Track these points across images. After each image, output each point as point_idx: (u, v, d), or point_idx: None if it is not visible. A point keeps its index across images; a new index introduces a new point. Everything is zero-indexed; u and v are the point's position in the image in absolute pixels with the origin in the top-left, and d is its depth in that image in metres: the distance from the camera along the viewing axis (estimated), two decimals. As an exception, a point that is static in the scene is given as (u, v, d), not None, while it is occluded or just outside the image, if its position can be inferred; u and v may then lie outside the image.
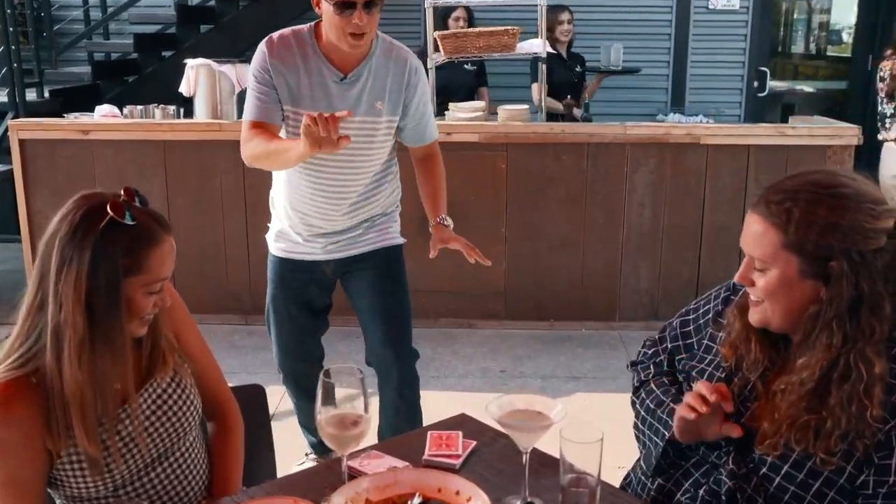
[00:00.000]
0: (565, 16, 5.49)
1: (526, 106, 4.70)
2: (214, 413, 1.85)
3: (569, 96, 5.41)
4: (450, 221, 2.70)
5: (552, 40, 5.39)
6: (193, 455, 1.73)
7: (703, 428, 1.51)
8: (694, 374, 1.65)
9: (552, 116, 5.22)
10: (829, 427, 1.38)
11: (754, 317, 1.50)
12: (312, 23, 2.50)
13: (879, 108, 4.95)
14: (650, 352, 1.82)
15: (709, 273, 4.54)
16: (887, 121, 4.89)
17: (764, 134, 4.48)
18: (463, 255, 2.62)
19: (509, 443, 1.56)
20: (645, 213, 4.55)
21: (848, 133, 4.45)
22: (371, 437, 1.59)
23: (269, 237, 2.82)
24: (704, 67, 7.06)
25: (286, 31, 2.53)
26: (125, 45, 6.32)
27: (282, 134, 2.55)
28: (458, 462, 1.66)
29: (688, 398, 1.50)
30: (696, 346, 1.69)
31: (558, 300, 4.66)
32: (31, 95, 5.68)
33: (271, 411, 3.16)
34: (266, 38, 2.51)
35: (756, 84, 7.06)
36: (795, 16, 8.08)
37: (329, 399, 1.46)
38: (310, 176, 2.57)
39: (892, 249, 1.39)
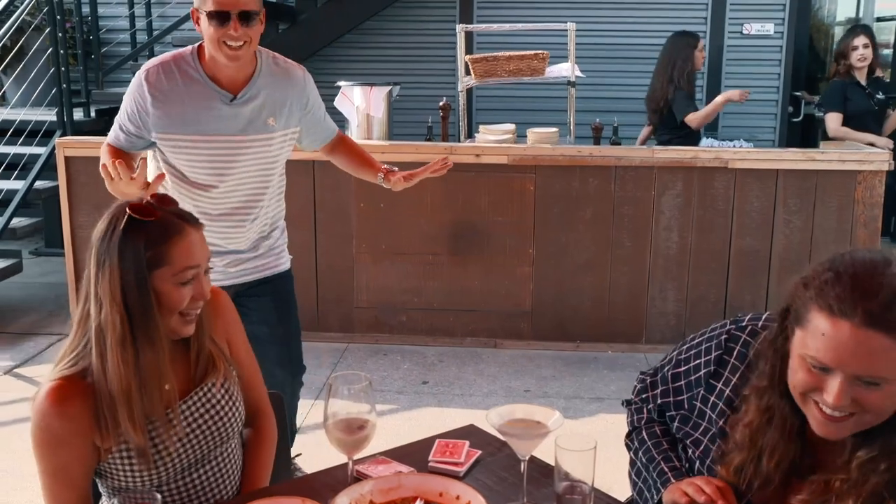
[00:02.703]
0: (860, 40, 5.06)
1: (555, 129, 4.77)
2: (252, 420, 1.90)
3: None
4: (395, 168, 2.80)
5: (847, 68, 5.13)
6: (231, 460, 1.79)
7: None
8: (689, 442, 1.57)
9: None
10: None
11: (836, 432, 1.32)
12: (195, 45, 2.47)
13: None
14: (643, 396, 1.73)
15: (736, 297, 4.55)
16: None
17: (793, 159, 4.49)
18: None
19: (513, 452, 1.61)
20: (672, 236, 4.57)
21: (879, 158, 4.44)
22: (377, 444, 1.65)
23: None
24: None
25: (166, 56, 2.47)
26: (169, 66, 6.50)
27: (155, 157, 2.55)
28: (461, 469, 1.72)
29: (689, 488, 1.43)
30: (685, 406, 1.60)
31: (585, 321, 4.69)
32: (78, 115, 5.90)
33: (298, 424, 3.24)
34: (144, 66, 2.46)
35: (791, 109, 7.04)
36: (831, 41, 8.03)
37: (336, 404, 1.53)
38: (210, 196, 2.53)
39: None
